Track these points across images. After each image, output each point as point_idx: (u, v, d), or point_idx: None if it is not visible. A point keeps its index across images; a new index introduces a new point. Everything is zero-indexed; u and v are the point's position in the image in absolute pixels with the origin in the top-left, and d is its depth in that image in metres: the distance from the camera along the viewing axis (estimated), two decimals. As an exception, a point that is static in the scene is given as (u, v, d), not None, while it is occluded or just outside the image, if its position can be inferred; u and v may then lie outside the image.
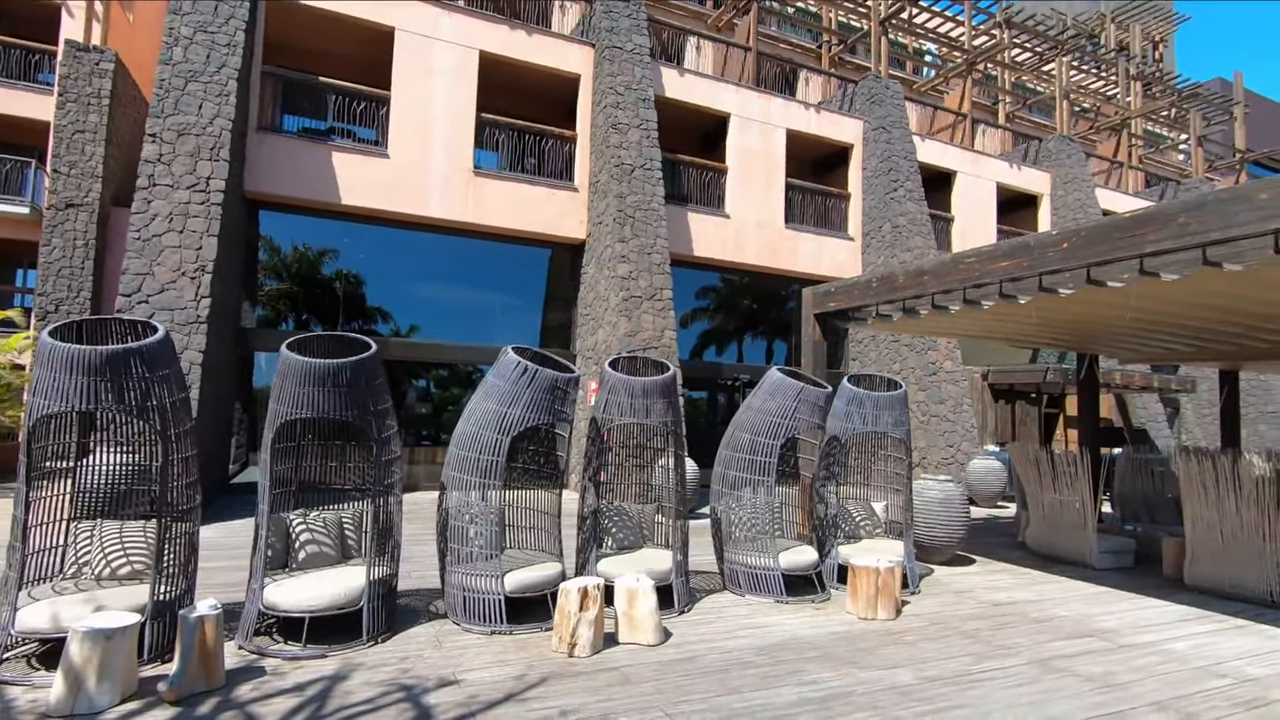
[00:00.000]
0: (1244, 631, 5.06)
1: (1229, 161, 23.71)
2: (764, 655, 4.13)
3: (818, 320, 8.04)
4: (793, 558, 5.47)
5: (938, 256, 11.82)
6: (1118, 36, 22.76)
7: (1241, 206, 4.27)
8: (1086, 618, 5.26)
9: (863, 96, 15.52)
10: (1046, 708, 3.52)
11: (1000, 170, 17.51)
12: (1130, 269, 4.99)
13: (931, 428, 13.29)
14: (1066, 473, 7.42)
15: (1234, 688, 3.90)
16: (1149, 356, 11.10)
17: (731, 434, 5.74)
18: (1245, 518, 5.98)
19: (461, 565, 4.46)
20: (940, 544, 6.97)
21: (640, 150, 11.93)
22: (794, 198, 14.71)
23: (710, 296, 14.91)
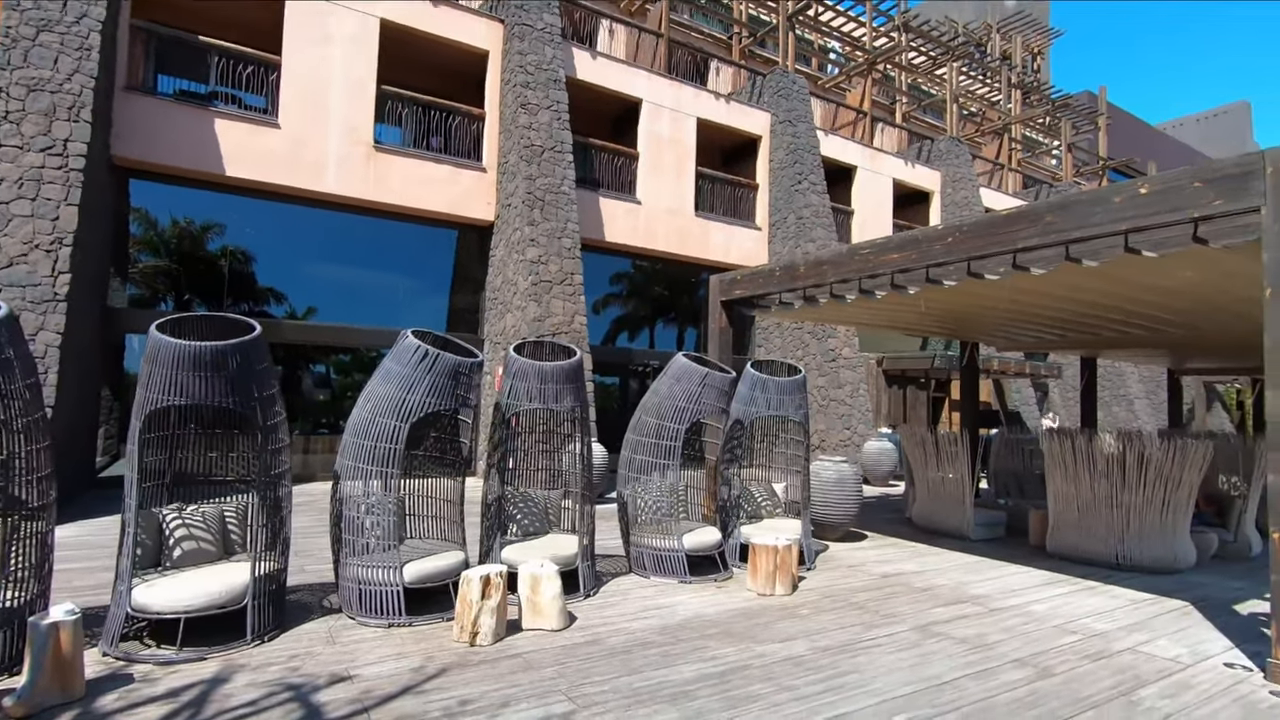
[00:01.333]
0: (1094, 592, 5.63)
1: (1093, 167, 26.03)
2: (666, 634, 4.22)
3: (724, 307, 8.23)
4: (696, 539, 5.60)
5: (837, 248, 12.35)
6: (1002, 47, 24.43)
7: (1098, 209, 4.68)
8: (962, 585, 5.69)
9: (771, 89, 15.90)
10: (924, 669, 3.79)
11: (896, 167, 18.45)
12: (1005, 263, 5.38)
13: (831, 411, 13.93)
14: (949, 452, 7.97)
15: (1082, 642, 4.33)
16: (1022, 345, 12.07)
17: (638, 419, 5.79)
18: (1098, 490, 6.63)
19: (357, 557, 4.28)
20: (836, 521, 7.34)
21: (551, 132, 11.74)
22: (704, 186, 14.93)
23: (623, 282, 14.94)
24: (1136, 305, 7.23)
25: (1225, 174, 4.08)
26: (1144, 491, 6.39)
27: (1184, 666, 3.97)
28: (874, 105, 19.92)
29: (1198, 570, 6.49)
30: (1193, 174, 4.25)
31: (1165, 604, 5.31)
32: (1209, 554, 6.95)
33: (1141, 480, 6.41)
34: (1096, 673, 3.83)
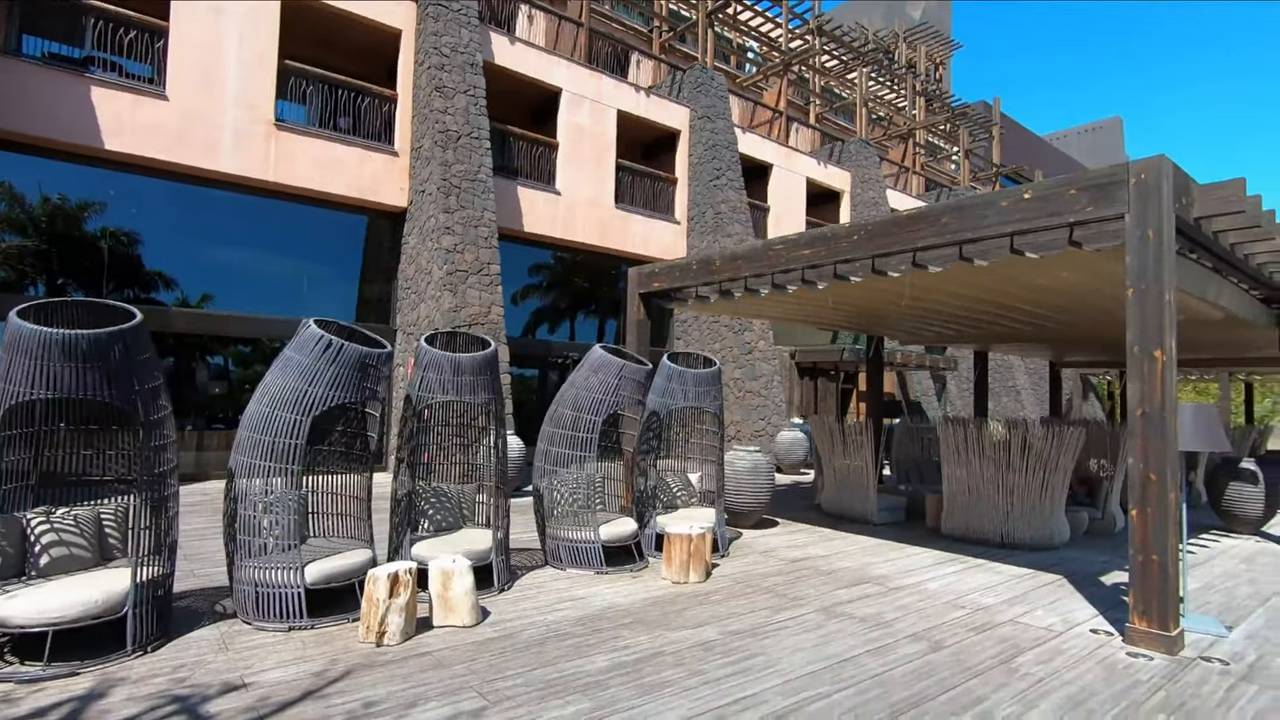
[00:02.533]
0: (981, 569, 6.05)
1: (988, 173, 27.80)
2: (581, 625, 4.22)
3: (642, 300, 8.28)
4: (613, 529, 5.63)
5: (751, 243, 12.68)
6: (908, 55, 25.64)
7: (988, 212, 5.00)
8: (865, 567, 5.99)
9: (690, 85, 16.08)
10: (828, 648, 3.96)
11: (809, 166, 19.08)
12: (906, 261, 5.67)
13: (746, 403, 14.30)
14: (855, 441, 8.35)
15: (970, 616, 4.65)
16: (923, 338, 12.78)
17: (555, 411, 5.75)
18: (986, 474, 7.12)
19: (253, 559, 4.05)
20: (749, 509, 7.55)
21: (467, 117, 11.44)
22: (624, 179, 14.95)
23: (543, 273, 14.77)
24: (1022, 303, 7.79)
25: (1095, 183, 4.44)
26: (1026, 475, 6.91)
27: (1057, 634, 4.33)
28: (789, 105, 20.49)
29: (1071, 546, 7.09)
30: (1069, 182, 4.61)
31: (1042, 578, 5.77)
32: (1081, 531, 7.60)
33: (1024, 464, 6.93)
34: (982, 643, 4.12)
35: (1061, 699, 3.36)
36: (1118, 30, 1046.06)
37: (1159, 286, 4.18)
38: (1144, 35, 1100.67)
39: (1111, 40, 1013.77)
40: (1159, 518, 4.11)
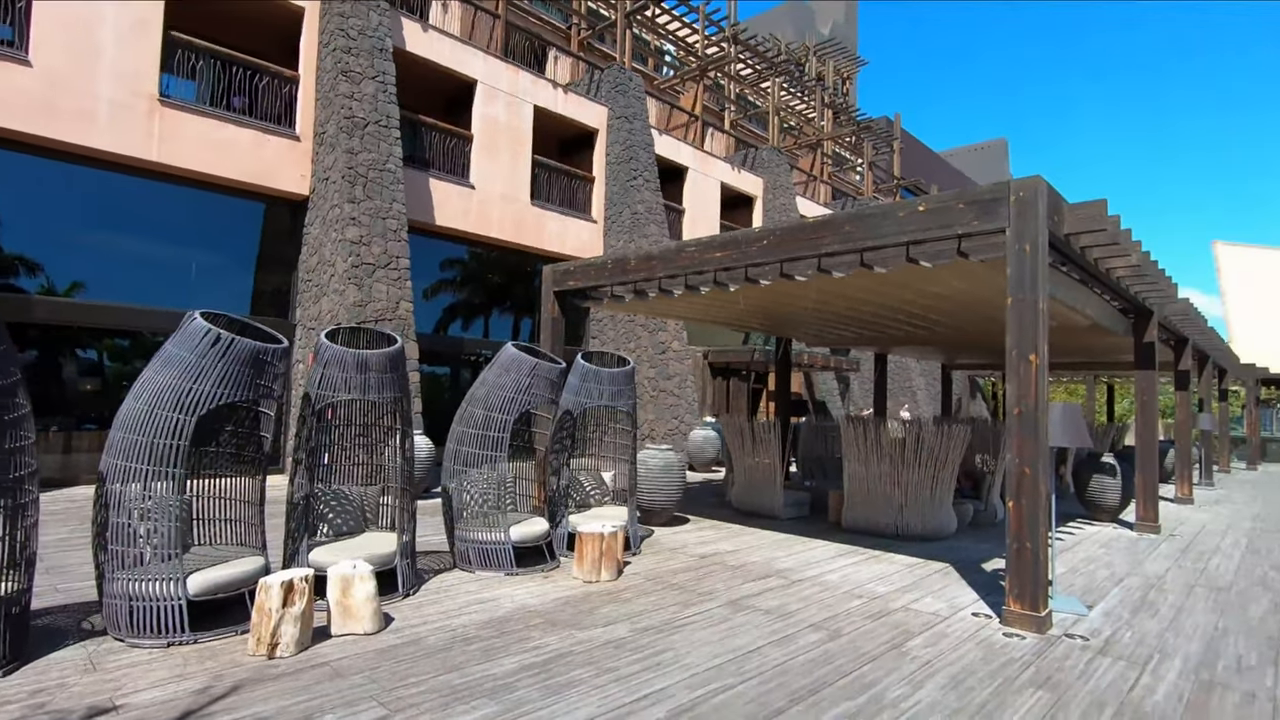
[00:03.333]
0: (877, 560, 6.39)
1: (889, 185, 29.35)
2: (490, 628, 4.15)
3: (557, 298, 8.23)
4: (524, 530, 5.56)
5: (665, 244, 12.84)
6: (817, 69, 26.69)
7: (886, 222, 5.28)
8: (771, 561, 6.20)
9: (608, 84, 16.10)
10: (733, 640, 4.07)
11: (724, 171, 19.53)
12: (812, 266, 5.90)
13: (660, 402, 14.47)
14: (763, 439, 8.61)
15: (866, 604, 4.90)
16: (828, 341, 13.34)
17: (465, 410, 5.62)
18: (882, 470, 7.52)
19: (127, 570, 3.74)
20: (661, 507, 7.65)
21: (376, 104, 10.99)
22: (541, 175, 14.80)
23: (456, 269, 14.40)
24: (918, 308, 8.28)
25: (981, 199, 4.78)
26: (918, 470, 7.35)
27: (943, 619, 4.63)
28: (705, 110, 20.90)
29: (957, 536, 7.60)
30: (957, 197, 4.94)
31: (931, 566, 6.16)
32: (966, 522, 8.16)
33: (917, 460, 7.36)
34: (876, 630, 4.35)
35: (945, 679, 3.60)
36: (1006, 59, 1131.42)
37: (1034, 296, 4.54)
38: (1028, 65, 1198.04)
39: (1000, 68, 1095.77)
40: (1032, 508, 4.48)
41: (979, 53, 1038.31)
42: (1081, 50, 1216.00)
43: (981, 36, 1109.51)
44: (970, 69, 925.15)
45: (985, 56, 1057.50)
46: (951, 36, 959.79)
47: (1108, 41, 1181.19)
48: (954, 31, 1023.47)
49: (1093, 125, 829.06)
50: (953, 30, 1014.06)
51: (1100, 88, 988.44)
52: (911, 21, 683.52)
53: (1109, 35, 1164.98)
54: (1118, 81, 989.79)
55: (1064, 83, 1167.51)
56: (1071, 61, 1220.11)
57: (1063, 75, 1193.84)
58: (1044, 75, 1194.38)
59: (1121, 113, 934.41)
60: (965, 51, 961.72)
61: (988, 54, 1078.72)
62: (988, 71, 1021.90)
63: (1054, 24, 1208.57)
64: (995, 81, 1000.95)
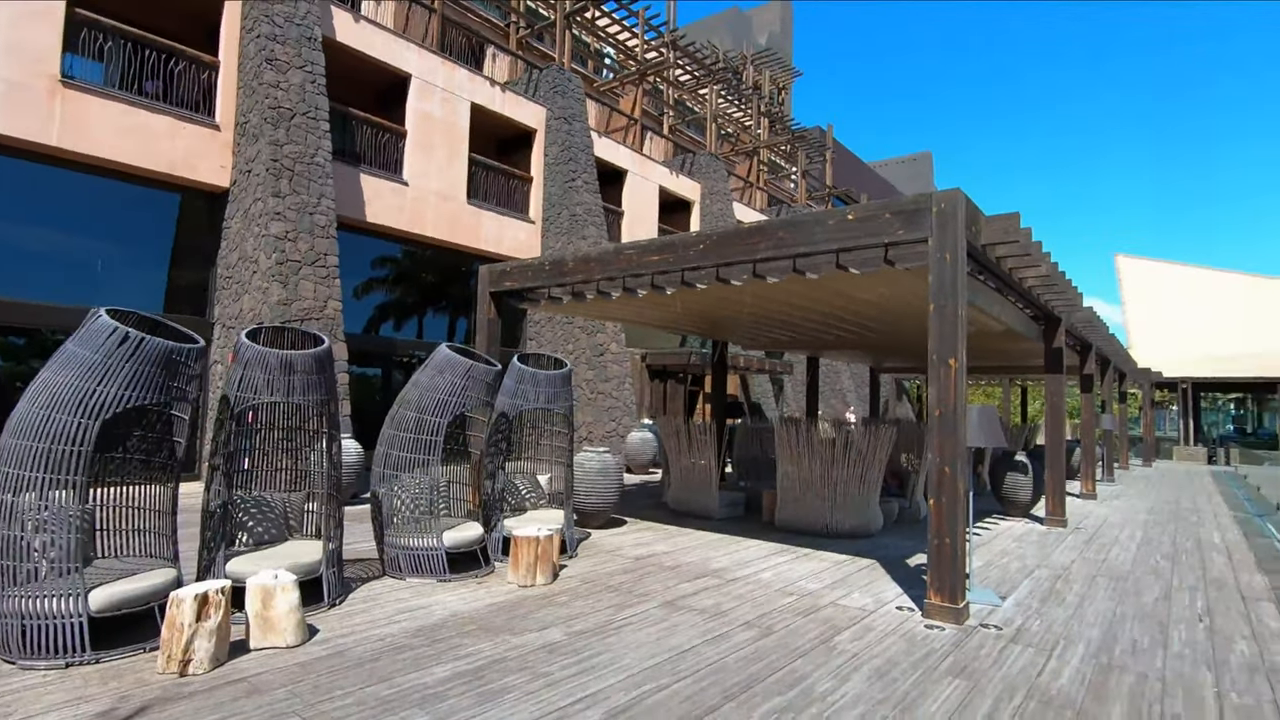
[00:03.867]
0: (809, 558, 6.56)
1: (822, 193, 30.25)
2: (420, 637, 4.04)
3: (493, 299, 8.12)
4: (457, 535, 5.45)
5: (603, 247, 12.85)
6: (754, 78, 27.28)
7: (818, 229, 5.44)
8: (706, 561, 6.28)
9: (547, 85, 16.00)
10: (669, 640, 4.11)
11: (663, 175, 19.70)
12: (747, 271, 6.02)
13: (598, 404, 14.46)
14: (699, 441, 8.72)
15: (797, 601, 5.03)
16: (762, 344, 13.64)
17: (396, 412, 5.47)
18: (814, 470, 7.73)
19: (20, 587, 3.46)
20: (598, 509, 7.64)
21: (304, 95, 10.57)
22: (478, 174, 14.57)
23: (389, 267, 13.99)
24: (847, 314, 8.56)
25: (905, 209, 4.99)
26: (847, 469, 7.60)
27: (869, 613, 4.80)
28: (644, 114, 21.04)
29: (884, 533, 7.90)
30: (885, 207, 5.14)
31: (859, 563, 6.37)
32: (892, 519, 8.48)
33: (846, 460, 7.61)
34: (807, 626, 4.47)
35: (870, 671, 3.73)
36: (932, 76, 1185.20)
37: (954, 303, 4.77)
38: (953, 82, 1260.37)
39: (927, 84, 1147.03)
40: (951, 506, 4.70)
41: (908, 69, 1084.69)
42: (1003, 68, 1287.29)
43: (911, 54, 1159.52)
44: (898, 85, 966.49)
45: (914, 73, 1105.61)
46: (882, 51, 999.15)
47: (1026, 60, 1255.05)
48: (885, 46, 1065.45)
49: (1013, 140, 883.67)
50: (884, 45, 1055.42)
51: (1019, 103, 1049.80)
52: (844, 35, 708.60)
53: (1027, 56, 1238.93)
54: (1036, 98, 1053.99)
55: (987, 98, 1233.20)
56: (994, 77, 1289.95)
57: (986, 90, 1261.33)
58: (968, 91, 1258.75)
59: (1039, 128, 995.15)
60: (895, 67, 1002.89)
61: (917, 70, 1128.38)
62: (916, 87, 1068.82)
63: (976, 44, 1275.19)
64: (923, 97, 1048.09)
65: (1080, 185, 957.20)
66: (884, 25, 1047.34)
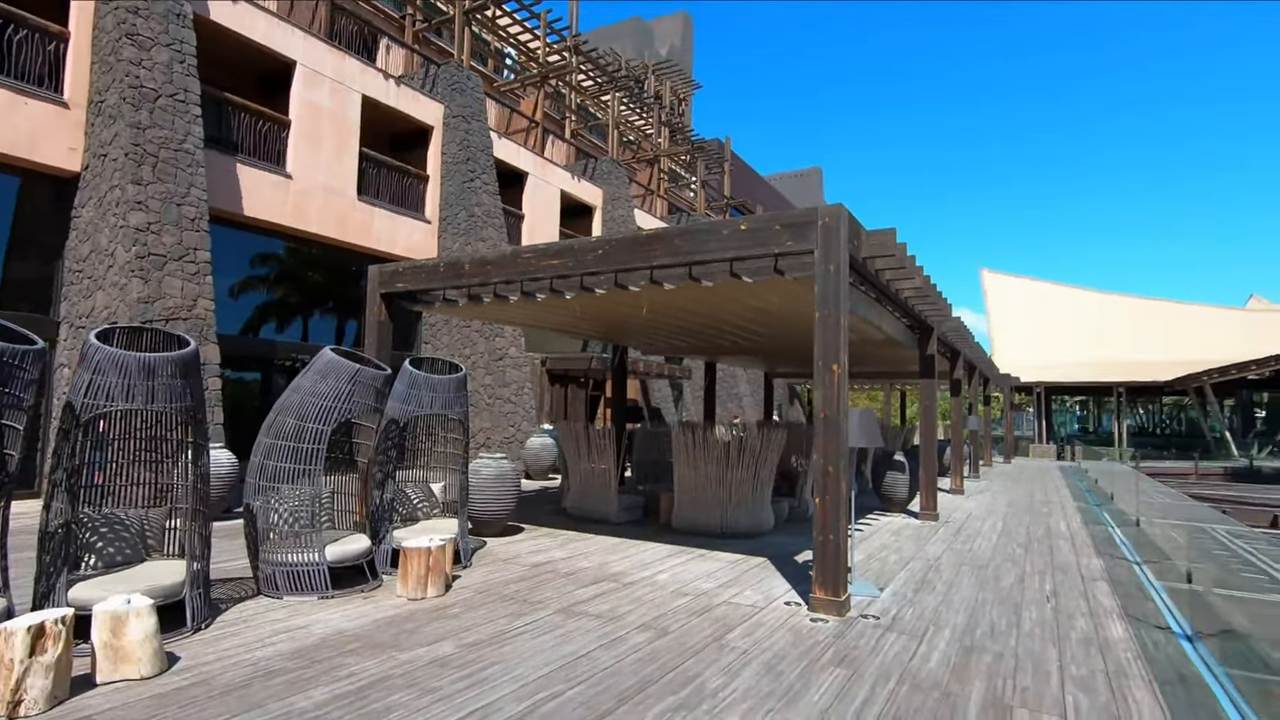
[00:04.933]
0: (704, 558, 6.71)
1: (720, 203, 31.16)
2: (298, 658, 3.80)
3: (385, 300, 7.79)
4: (341, 549, 5.17)
5: (501, 249, 12.60)
6: (655, 88, 27.73)
7: (712, 238, 5.60)
8: (604, 565, 6.29)
9: (445, 81, 15.56)
10: (564, 647, 4.08)
11: (564, 179, 19.63)
12: (645, 277, 6.10)
13: (496, 409, 14.17)
14: (599, 445, 8.73)
15: (692, 601, 5.14)
16: (662, 349, 13.86)
17: (274, 420, 5.12)
18: (710, 472, 7.93)
19: None
20: (494, 517, 7.48)
21: (171, 75, 9.73)
22: (370, 170, 13.93)
23: (270, 265, 13.10)
24: (742, 320, 8.85)
25: (794, 221, 5.23)
26: (741, 470, 7.84)
27: (759, 609, 4.97)
28: (545, 117, 20.89)
29: (775, 531, 8.21)
30: (774, 219, 5.36)
31: (751, 561, 6.59)
32: (783, 518, 8.83)
33: (740, 461, 7.85)
34: (700, 625, 4.57)
35: (760, 665, 3.86)
36: (825, 94, 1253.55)
37: (837, 311, 5.04)
38: (843, 101, 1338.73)
39: (817, 103, 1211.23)
40: (834, 503, 4.95)
41: (803, 87, 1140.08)
42: (889, 88, 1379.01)
43: (805, 73, 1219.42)
44: (794, 102, 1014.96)
45: (808, 91, 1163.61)
46: (778, 69, 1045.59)
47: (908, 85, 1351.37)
48: (781, 65, 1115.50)
49: (896, 157, 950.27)
50: (780, 64, 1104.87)
51: (903, 122, 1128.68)
52: (743, 52, 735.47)
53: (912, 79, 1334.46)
54: (918, 118, 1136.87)
55: (873, 117, 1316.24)
56: (881, 96, 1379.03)
57: (872, 109, 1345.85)
58: (858, 109, 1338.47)
59: (918, 144, 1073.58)
60: (786, 88, 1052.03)
61: (810, 89, 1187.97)
62: (809, 105, 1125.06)
63: (865, 64, 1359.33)
64: (815, 115, 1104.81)
65: (958, 198, 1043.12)
66: (781, 43, 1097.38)
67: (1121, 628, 4.78)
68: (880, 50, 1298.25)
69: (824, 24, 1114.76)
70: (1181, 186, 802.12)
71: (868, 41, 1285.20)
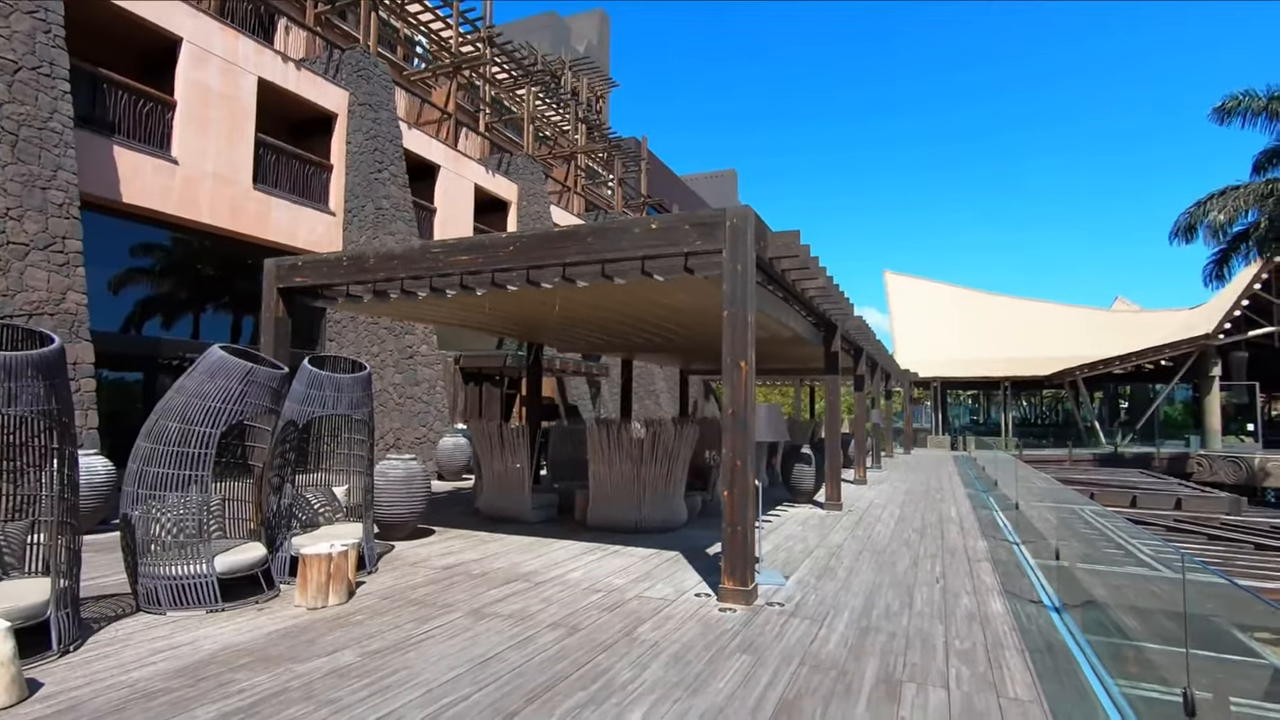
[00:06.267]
0: (618, 555, 6.76)
1: (637, 202, 31.36)
2: (181, 677, 3.56)
3: (283, 295, 7.40)
4: (233, 558, 4.88)
5: (409, 244, 12.17)
6: (572, 84, 27.57)
7: (624, 237, 5.64)
8: (515, 565, 6.22)
9: (350, 67, 14.90)
10: (472, 650, 4.01)
11: (479, 173, 19.21)
12: (557, 274, 6.08)
13: (407, 409, 13.73)
14: (512, 444, 8.62)
15: (604, 597, 5.17)
16: (578, 347, 13.83)
17: (155, 424, 4.76)
18: (624, 469, 7.99)
19: None
20: (403, 520, 7.25)
21: (33, 46, 8.85)
22: (268, 157, 13.16)
23: (155, 256, 12.15)
24: (656, 319, 8.96)
25: (703, 222, 5.35)
26: (655, 466, 7.95)
27: (670, 602, 5.06)
28: (459, 110, 20.37)
29: (688, 525, 8.36)
30: (684, 219, 5.46)
31: (664, 555, 6.69)
32: (696, 512, 9.01)
33: (654, 457, 7.95)
34: (612, 621, 4.61)
35: (669, 657, 3.94)
36: (740, 100, 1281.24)
37: (744, 310, 5.20)
38: (759, 106, 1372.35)
39: (734, 106, 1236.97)
40: (742, 496, 5.10)
41: (718, 90, 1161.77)
42: (804, 92, 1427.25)
43: (721, 76, 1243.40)
44: (710, 105, 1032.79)
45: (724, 94, 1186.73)
46: (692, 76, 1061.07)
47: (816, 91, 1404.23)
48: (697, 68, 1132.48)
49: (808, 161, 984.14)
50: (696, 66, 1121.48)
51: (820, 127, 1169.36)
52: (660, 53, 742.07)
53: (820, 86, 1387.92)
54: (834, 122, 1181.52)
55: (785, 120, 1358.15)
56: (796, 101, 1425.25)
57: (789, 113, 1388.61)
58: (772, 113, 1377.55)
59: (826, 148, 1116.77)
60: (701, 90, 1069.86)
61: (726, 92, 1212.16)
62: (726, 108, 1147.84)
63: (781, 68, 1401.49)
64: (731, 117, 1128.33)
65: (876, 199, 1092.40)
66: (699, 46, 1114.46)
67: (1001, 603, 5.17)
68: (796, 54, 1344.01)
69: (743, 27, 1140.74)
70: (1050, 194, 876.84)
71: (785, 45, 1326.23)
